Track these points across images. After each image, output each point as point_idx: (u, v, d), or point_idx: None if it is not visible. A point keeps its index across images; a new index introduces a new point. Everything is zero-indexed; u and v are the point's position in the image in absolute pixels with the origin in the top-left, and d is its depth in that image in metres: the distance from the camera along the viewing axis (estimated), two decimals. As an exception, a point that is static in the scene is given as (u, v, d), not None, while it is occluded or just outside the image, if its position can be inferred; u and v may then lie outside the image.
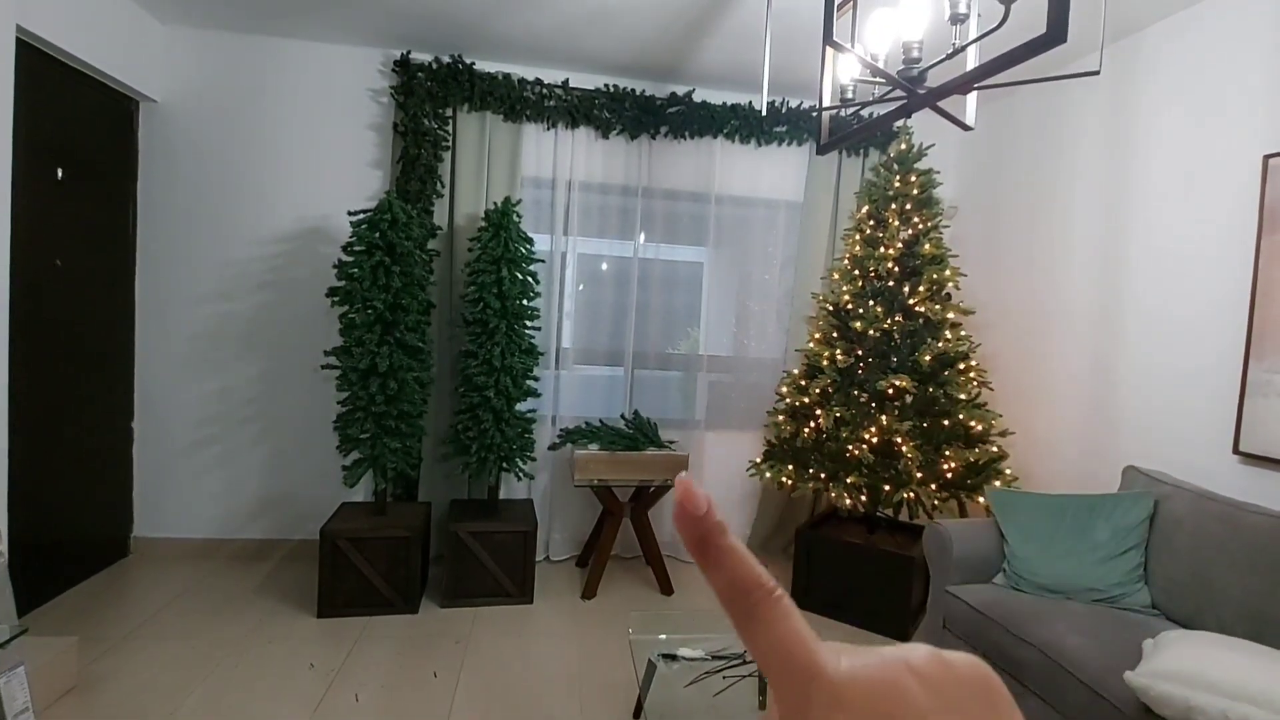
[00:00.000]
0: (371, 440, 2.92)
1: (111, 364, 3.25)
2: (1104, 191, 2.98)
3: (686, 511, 0.23)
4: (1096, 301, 3.00)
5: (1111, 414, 2.89)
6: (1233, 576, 2.07)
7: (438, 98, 3.37)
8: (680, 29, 3.06)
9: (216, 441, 3.48)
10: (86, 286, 3.05)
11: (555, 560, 3.65)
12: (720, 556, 0.23)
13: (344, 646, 2.65)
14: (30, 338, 2.65)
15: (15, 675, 1.69)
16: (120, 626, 2.70)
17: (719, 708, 1.85)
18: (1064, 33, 1.06)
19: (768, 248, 3.89)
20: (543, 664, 2.63)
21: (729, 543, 0.23)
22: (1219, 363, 2.45)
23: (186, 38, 3.34)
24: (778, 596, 0.23)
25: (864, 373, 3.14)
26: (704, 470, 3.79)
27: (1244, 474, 2.36)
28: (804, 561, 3.22)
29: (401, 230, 2.90)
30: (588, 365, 3.76)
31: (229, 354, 3.46)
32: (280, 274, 3.47)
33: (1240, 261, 2.39)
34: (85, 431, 3.07)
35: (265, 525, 3.53)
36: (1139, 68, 2.83)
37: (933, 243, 3.10)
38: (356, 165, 3.49)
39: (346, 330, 2.89)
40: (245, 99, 3.40)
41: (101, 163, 3.13)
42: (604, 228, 3.73)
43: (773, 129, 3.70)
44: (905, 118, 1.58)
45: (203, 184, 3.39)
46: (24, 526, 2.60)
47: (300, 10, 3.09)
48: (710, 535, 0.23)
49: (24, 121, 2.39)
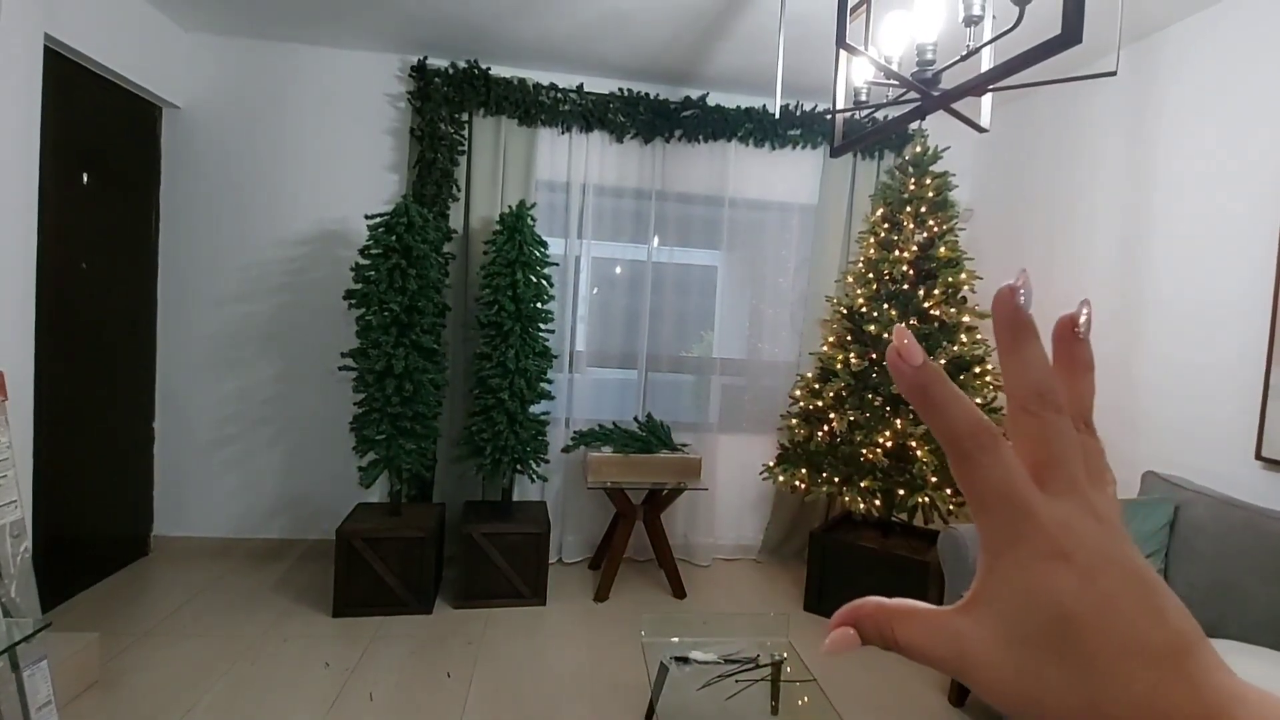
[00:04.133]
0: (387, 441, 2.95)
1: (134, 364, 3.31)
2: (1123, 193, 2.95)
3: (905, 362, 0.24)
4: (1115, 305, 2.96)
5: (1131, 419, 2.85)
6: (1257, 584, 2.03)
7: (453, 102, 3.41)
8: (694, 33, 3.07)
9: (235, 441, 3.53)
10: (110, 288, 3.11)
11: (568, 562, 3.66)
12: (943, 402, 0.24)
13: (359, 646, 2.68)
14: (55, 338, 2.70)
15: (39, 669, 1.72)
16: (140, 623, 2.74)
17: (731, 711, 1.84)
18: (1079, 33, 1.05)
19: (782, 251, 3.88)
20: (555, 665, 2.63)
21: (951, 389, 0.24)
22: (1241, 367, 2.41)
23: (209, 45, 3.40)
24: (998, 440, 0.24)
25: (878, 376, 3.12)
26: (717, 473, 3.78)
27: (1267, 480, 2.31)
28: (818, 566, 3.20)
29: (417, 233, 2.93)
30: (601, 368, 3.77)
31: (248, 355, 3.51)
32: (298, 276, 3.52)
33: (1262, 263, 2.35)
34: (108, 431, 3.13)
35: (282, 525, 3.57)
36: (1159, 68, 2.79)
37: (948, 245, 3.08)
38: (373, 169, 3.53)
39: (363, 332, 2.92)
40: (265, 104, 3.45)
41: (126, 168, 3.19)
42: (618, 231, 3.74)
43: (787, 132, 3.70)
44: (920, 120, 1.58)
45: (223, 188, 3.45)
46: (48, 523, 2.65)
47: (319, 17, 3.14)
48: (931, 384, 0.24)
49: (52, 127, 2.44)
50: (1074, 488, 0.24)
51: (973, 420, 0.24)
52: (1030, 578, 0.23)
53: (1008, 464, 0.23)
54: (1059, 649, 0.22)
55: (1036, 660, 0.22)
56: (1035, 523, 0.23)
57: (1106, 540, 0.23)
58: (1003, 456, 0.23)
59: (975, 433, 0.24)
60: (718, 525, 3.85)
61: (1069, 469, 0.24)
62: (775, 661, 1.97)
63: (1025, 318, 0.25)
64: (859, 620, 0.26)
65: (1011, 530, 0.23)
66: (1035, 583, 0.23)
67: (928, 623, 0.25)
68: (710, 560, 3.80)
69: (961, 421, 0.24)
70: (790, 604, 3.30)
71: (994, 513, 0.23)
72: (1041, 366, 0.25)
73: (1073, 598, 0.22)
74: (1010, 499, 0.23)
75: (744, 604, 3.32)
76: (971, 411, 0.24)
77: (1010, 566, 0.23)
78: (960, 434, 0.24)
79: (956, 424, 0.24)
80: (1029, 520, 0.23)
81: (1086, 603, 0.22)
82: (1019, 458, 0.24)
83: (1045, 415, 0.24)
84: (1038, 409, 0.24)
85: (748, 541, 3.92)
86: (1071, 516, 0.23)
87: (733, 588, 3.51)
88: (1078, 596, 0.22)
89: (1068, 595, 0.22)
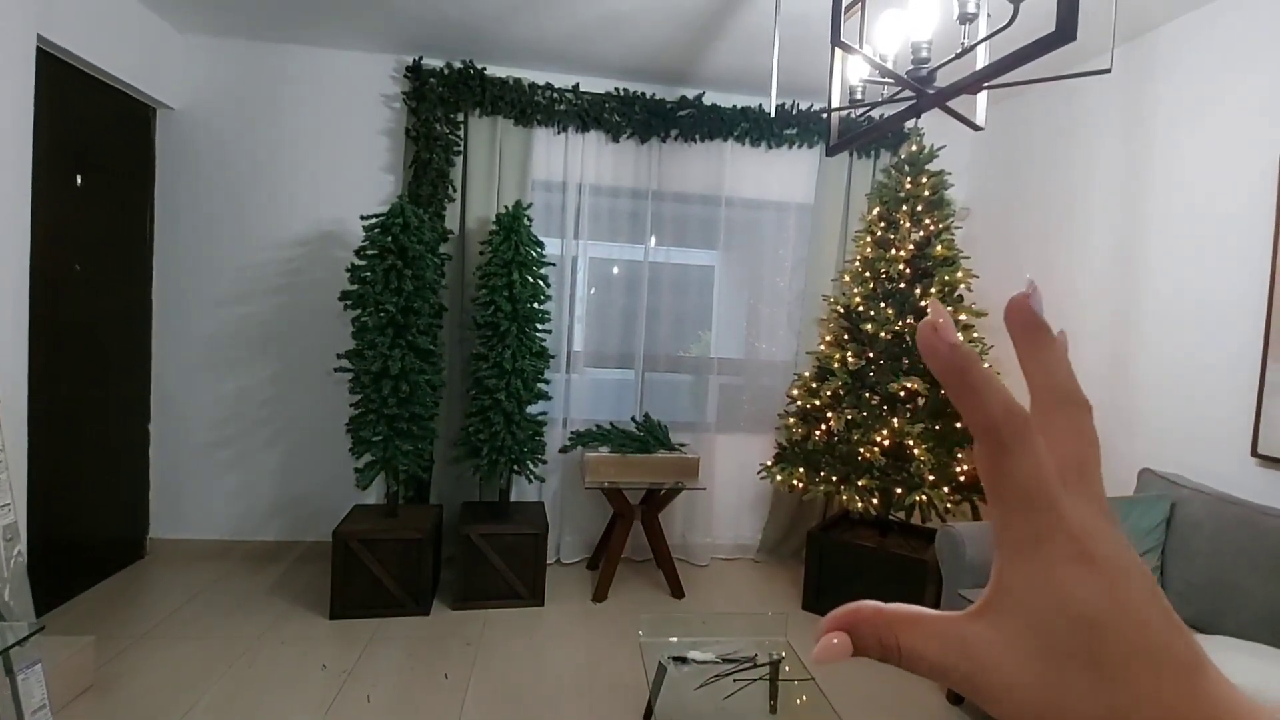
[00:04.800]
0: (384, 443, 2.94)
1: (129, 366, 3.30)
2: (1118, 191, 2.95)
3: (941, 342, 0.23)
4: (1111, 303, 2.96)
5: (1127, 416, 2.86)
6: (1254, 581, 2.04)
7: (449, 103, 3.40)
8: (690, 33, 3.07)
9: (231, 443, 3.52)
10: (104, 290, 3.10)
11: (566, 563, 3.66)
12: (981, 386, 0.23)
13: (356, 647, 2.67)
14: (49, 340, 2.69)
15: (33, 673, 1.71)
16: (136, 626, 2.73)
17: (729, 711, 1.84)
18: (1073, 31, 1.05)
19: (778, 250, 3.88)
20: (553, 666, 2.63)
21: (988, 373, 0.23)
22: (1237, 363, 2.42)
23: (203, 46, 3.39)
24: (1034, 430, 0.23)
25: (875, 375, 3.12)
26: (715, 473, 3.78)
27: (1263, 477, 2.32)
28: (816, 565, 3.20)
29: (413, 234, 2.92)
30: (599, 368, 3.76)
31: (243, 357, 3.50)
32: (294, 278, 3.51)
33: (1258, 261, 2.35)
34: (103, 433, 3.12)
35: (279, 527, 3.56)
36: (1154, 66, 2.80)
37: (944, 244, 3.09)
38: (369, 170, 3.53)
39: (359, 333, 2.92)
40: (260, 105, 3.45)
41: (120, 169, 3.18)
42: (615, 231, 3.73)
43: (783, 131, 3.70)
44: (915, 118, 1.58)
45: (218, 190, 3.44)
46: (42, 526, 2.64)
47: (314, 18, 3.13)
48: (970, 366, 0.23)
49: (44, 128, 2.43)
50: (1096, 492, 0.23)
51: (1011, 407, 0.22)
52: (1056, 581, 0.22)
53: (1040, 456, 0.22)
54: (1087, 656, 0.21)
55: (1062, 667, 0.21)
56: (1061, 523, 0.22)
57: (1122, 546, 0.22)
58: (1037, 448, 0.22)
59: (1011, 420, 0.22)
60: (716, 525, 3.85)
61: (1090, 468, 0.24)
62: (773, 661, 1.97)
63: (1041, 320, 0.24)
64: (855, 626, 0.24)
65: (1035, 529, 0.22)
66: (1062, 587, 0.22)
67: (935, 629, 0.24)
68: (708, 560, 3.79)
69: (999, 408, 0.22)
70: (788, 603, 3.30)
71: (1020, 509, 0.22)
72: (1065, 364, 0.24)
73: (1101, 603, 0.21)
74: (1040, 494, 0.22)
75: (742, 603, 3.32)
76: (1009, 398, 0.23)
77: (1033, 569, 0.22)
78: (998, 421, 0.22)
79: (994, 410, 0.22)
80: (1055, 519, 0.22)
81: (1115, 608, 0.21)
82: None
83: (1075, 413, 0.24)
84: (1069, 406, 0.24)
85: (746, 541, 3.92)
86: (1091, 518, 0.23)
87: (731, 587, 3.51)
88: (1106, 602, 0.21)
89: (1095, 601, 0.21)
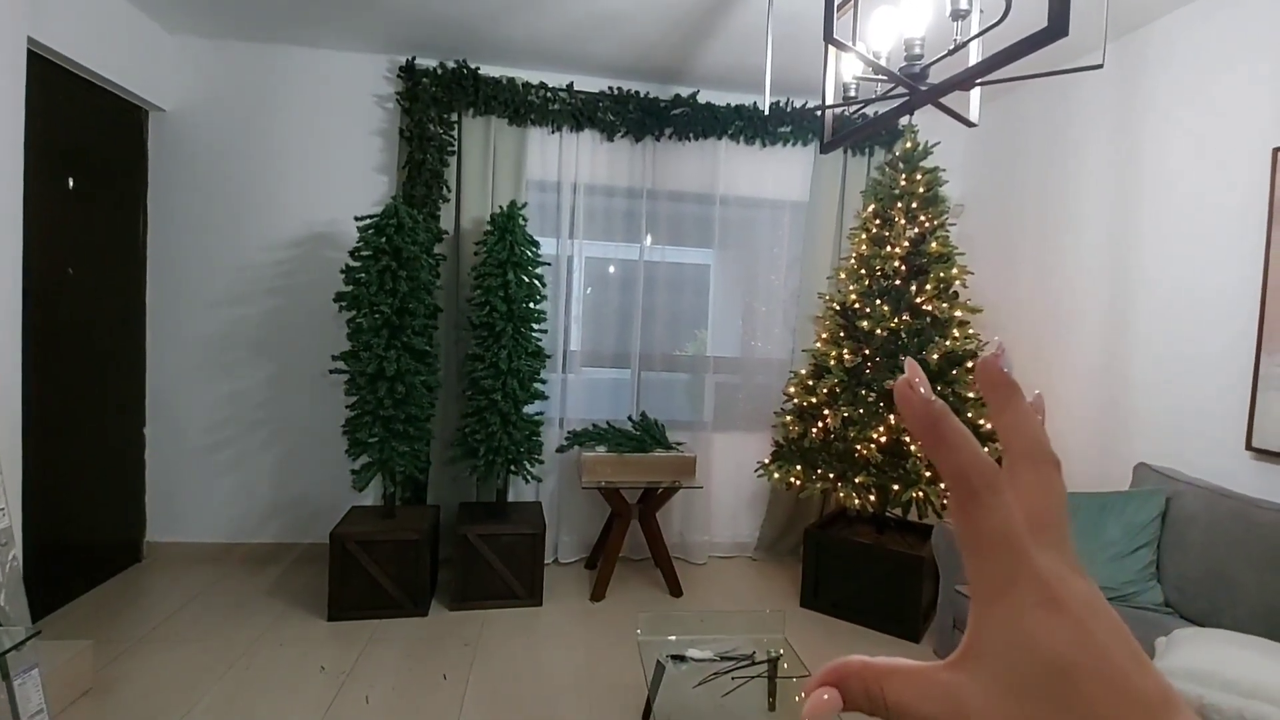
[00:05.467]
0: (380, 444, 2.94)
1: (123, 369, 3.29)
2: (1113, 186, 2.96)
3: (916, 396, 0.24)
4: (1106, 298, 2.97)
5: (1122, 411, 2.87)
6: (1249, 574, 2.05)
7: (443, 103, 3.39)
8: (683, 31, 3.06)
9: (228, 446, 3.51)
10: (98, 293, 3.08)
11: (564, 562, 3.66)
12: (954, 439, 0.24)
13: (354, 649, 2.67)
14: (43, 344, 2.68)
15: (30, 678, 1.71)
16: (134, 630, 2.72)
17: (728, 709, 1.84)
18: (1065, 26, 1.06)
19: (774, 248, 3.88)
20: (552, 666, 2.63)
21: (961, 427, 0.24)
22: (1231, 357, 2.43)
23: (194, 47, 3.37)
24: (1004, 481, 0.24)
25: (871, 372, 3.12)
26: (712, 471, 3.78)
27: (1257, 470, 2.33)
28: (813, 562, 3.21)
29: (408, 235, 2.91)
30: (595, 368, 3.76)
31: (239, 359, 3.48)
32: (289, 279, 3.50)
33: (1251, 255, 2.36)
34: (98, 436, 3.11)
35: (276, 529, 3.55)
36: (1147, 61, 2.81)
37: (939, 241, 3.09)
38: (363, 171, 3.52)
39: (354, 335, 2.91)
40: (253, 107, 3.43)
41: (112, 171, 3.16)
42: (610, 230, 3.73)
43: (777, 129, 3.70)
44: (908, 115, 1.58)
45: (212, 191, 3.43)
46: (39, 530, 2.62)
47: (306, 19, 3.12)
48: (943, 419, 0.24)
49: (36, 131, 2.42)
50: (1063, 542, 0.24)
51: (982, 460, 0.24)
52: (1026, 626, 0.23)
53: (1008, 506, 0.24)
54: (1059, 699, 0.22)
55: (1037, 710, 0.22)
56: (1029, 569, 0.23)
57: (1092, 592, 0.23)
58: (1006, 499, 0.24)
59: (983, 471, 0.24)
60: (713, 523, 3.85)
61: (1058, 520, 0.25)
62: (771, 658, 1.98)
63: (1010, 379, 0.26)
64: (843, 680, 0.25)
65: (1006, 575, 0.23)
66: (1032, 631, 0.23)
67: (919, 680, 0.24)
68: (706, 558, 3.80)
69: (969, 458, 0.24)
70: (786, 601, 3.31)
71: (991, 556, 0.24)
72: (1034, 421, 0.26)
73: (1069, 646, 0.22)
74: (1009, 542, 0.23)
75: (740, 601, 3.33)
76: (978, 450, 0.24)
77: (1004, 614, 0.23)
78: (969, 472, 0.24)
79: (964, 460, 0.24)
80: (1024, 565, 0.23)
81: (1083, 651, 0.22)
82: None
83: (1043, 468, 0.25)
84: (1037, 460, 0.25)
85: (743, 539, 3.92)
86: (1058, 565, 0.24)
87: (729, 585, 3.51)
88: (1074, 645, 0.22)
89: (1064, 644, 0.22)
